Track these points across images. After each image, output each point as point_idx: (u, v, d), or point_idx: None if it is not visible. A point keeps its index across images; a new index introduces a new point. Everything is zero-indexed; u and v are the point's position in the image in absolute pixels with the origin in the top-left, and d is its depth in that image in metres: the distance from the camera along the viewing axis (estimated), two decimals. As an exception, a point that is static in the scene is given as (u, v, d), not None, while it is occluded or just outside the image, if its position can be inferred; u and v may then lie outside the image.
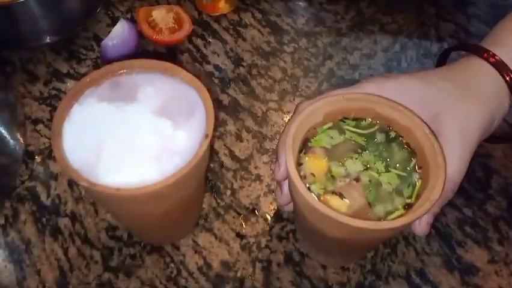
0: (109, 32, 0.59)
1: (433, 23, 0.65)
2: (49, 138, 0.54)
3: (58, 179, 0.51)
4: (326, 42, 0.63)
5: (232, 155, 0.53)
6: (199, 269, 0.46)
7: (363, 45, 0.63)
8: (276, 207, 0.50)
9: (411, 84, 0.41)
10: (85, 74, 0.49)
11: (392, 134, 0.40)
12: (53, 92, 0.58)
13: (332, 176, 0.38)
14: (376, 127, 0.41)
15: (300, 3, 0.67)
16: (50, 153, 0.53)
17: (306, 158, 0.39)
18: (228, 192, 0.51)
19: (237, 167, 0.52)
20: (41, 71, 0.60)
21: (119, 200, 0.36)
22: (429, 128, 0.38)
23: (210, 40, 0.63)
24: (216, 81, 0.59)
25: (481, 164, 0.53)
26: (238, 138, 0.54)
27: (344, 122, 0.41)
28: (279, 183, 0.44)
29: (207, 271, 0.46)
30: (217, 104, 0.57)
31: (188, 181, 0.38)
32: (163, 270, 0.46)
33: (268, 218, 0.49)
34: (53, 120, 0.37)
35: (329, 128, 0.41)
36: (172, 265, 0.46)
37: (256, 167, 0.52)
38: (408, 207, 0.37)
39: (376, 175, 0.38)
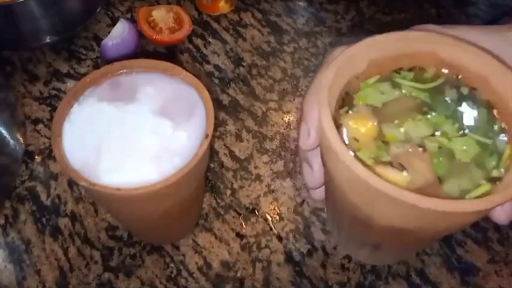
0: (109, 32, 0.59)
1: (433, 23, 0.65)
2: (49, 138, 0.54)
3: (58, 179, 0.51)
4: (326, 42, 0.63)
5: (232, 155, 0.53)
6: (199, 269, 0.46)
7: (363, 45, 0.63)
8: (276, 207, 0.50)
9: (479, 34, 0.33)
10: (85, 74, 0.49)
11: (465, 87, 0.31)
12: (53, 92, 0.58)
13: (385, 142, 0.29)
14: (442, 79, 0.31)
15: (300, 3, 0.67)
16: (50, 153, 0.53)
17: (348, 118, 0.30)
18: (228, 192, 0.51)
19: (237, 167, 0.52)
20: (41, 71, 0.60)
21: (119, 200, 0.36)
22: None
23: (210, 40, 0.63)
24: (216, 81, 0.59)
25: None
26: (238, 138, 0.54)
27: (398, 73, 0.32)
28: (305, 158, 0.35)
29: (207, 271, 0.46)
30: (217, 104, 0.57)
31: (188, 181, 0.38)
32: (163, 270, 0.46)
33: (268, 218, 0.49)
34: (53, 120, 0.37)
35: (378, 82, 0.31)
36: (172, 265, 0.46)
37: (256, 167, 0.52)
38: (494, 182, 0.28)
39: (446, 141, 0.29)
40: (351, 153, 0.27)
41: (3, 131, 0.52)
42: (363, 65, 0.31)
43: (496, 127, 0.30)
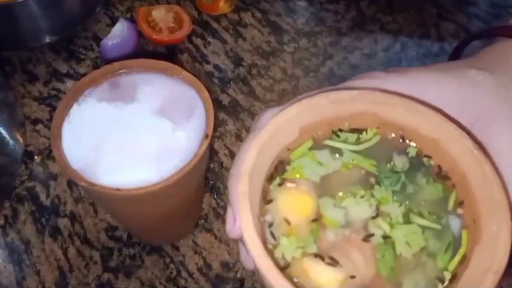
0: (109, 32, 0.59)
1: (434, 22, 0.65)
2: (49, 138, 0.54)
3: (58, 179, 0.51)
4: (326, 42, 0.63)
5: (232, 155, 0.53)
6: (199, 269, 0.46)
7: (363, 45, 0.63)
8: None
9: (430, 78, 0.28)
10: (84, 74, 0.49)
11: (412, 151, 0.26)
12: (53, 92, 0.58)
13: (320, 226, 0.24)
14: (378, 138, 0.27)
15: (300, 2, 0.67)
16: (49, 154, 0.53)
17: (280, 193, 0.25)
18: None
19: (237, 167, 0.52)
20: (41, 71, 0.59)
21: (118, 200, 0.36)
22: (473, 139, 0.24)
23: (210, 40, 0.63)
24: (216, 81, 0.59)
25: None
26: (238, 138, 0.54)
27: (338, 135, 0.27)
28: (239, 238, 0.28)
29: (207, 271, 0.46)
30: (217, 104, 0.57)
31: (188, 181, 0.38)
32: (163, 270, 0.46)
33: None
34: (53, 120, 0.37)
35: (312, 149, 0.26)
36: (171, 265, 0.46)
37: (256, 167, 0.52)
38: (452, 280, 0.23)
39: (389, 228, 0.24)
40: (272, 243, 0.23)
41: (2, 131, 0.51)
42: (294, 134, 0.26)
43: (450, 205, 0.24)
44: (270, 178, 0.25)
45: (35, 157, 0.53)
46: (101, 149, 0.36)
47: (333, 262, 0.23)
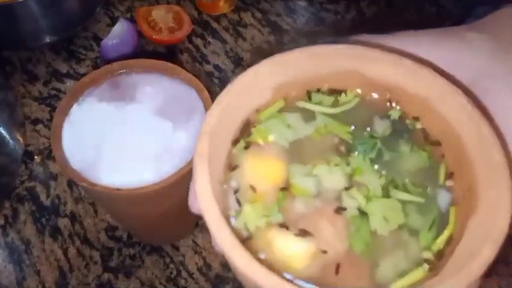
0: (109, 32, 0.59)
1: (434, 22, 0.65)
2: (49, 138, 0.54)
3: (58, 179, 0.51)
4: (326, 42, 0.63)
5: (232, 155, 0.53)
6: (199, 269, 0.46)
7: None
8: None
9: (425, 40, 0.26)
10: (84, 74, 0.49)
11: (395, 114, 0.23)
12: (53, 92, 0.58)
13: (288, 194, 0.21)
14: (357, 99, 0.24)
15: (300, 2, 0.67)
16: (49, 154, 0.53)
17: (246, 157, 0.22)
18: (228, 192, 0.51)
19: (237, 167, 0.52)
20: (41, 71, 0.59)
21: (119, 200, 0.36)
22: (469, 95, 0.22)
23: (210, 40, 0.63)
24: (216, 81, 0.59)
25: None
26: (238, 138, 0.54)
27: (310, 97, 0.24)
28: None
29: (207, 271, 0.46)
30: (217, 104, 0.57)
31: (188, 181, 0.38)
32: (163, 270, 0.46)
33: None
34: (53, 120, 0.37)
35: (282, 110, 0.23)
36: (171, 265, 0.46)
37: (256, 167, 0.52)
38: (436, 258, 0.20)
39: (364, 201, 0.21)
40: (234, 214, 0.20)
41: (2, 131, 0.51)
42: (267, 94, 0.23)
43: (440, 176, 0.21)
44: (236, 141, 0.22)
45: (35, 157, 0.53)
46: (101, 148, 0.36)
47: (302, 234, 0.20)
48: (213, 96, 0.58)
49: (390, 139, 0.23)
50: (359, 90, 0.23)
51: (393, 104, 0.23)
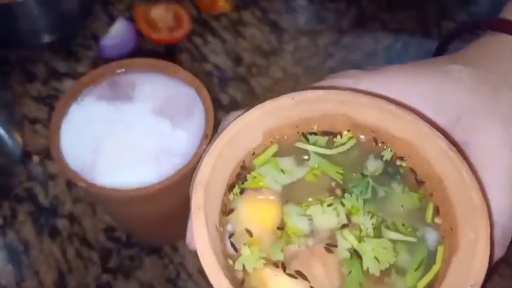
0: (108, 31, 0.59)
1: (435, 21, 0.65)
2: (47, 138, 0.53)
3: (56, 179, 0.51)
4: (326, 41, 0.62)
5: (232, 155, 0.53)
6: (199, 270, 0.46)
7: (364, 44, 0.62)
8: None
9: (408, 76, 0.26)
10: (83, 73, 0.48)
11: (388, 155, 0.24)
12: (51, 92, 0.58)
13: (285, 234, 0.22)
14: (353, 142, 0.25)
15: (301, 1, 0.67)
16: (48, 154, 0.53)
17: (241, 202, 0.23)
18: (228, 192, 0.50)
19: (237, 167, 0.52)
20: (39, 71, 0.59)
21: (117, 200, 0.36)
22: (449, 139, 0.23)
23: (210, 39, 0.62)
24: (216, 80, 0.59)
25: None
26: (238, 138, 0.54)
27: (307, 139, 0.25)
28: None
29: (207, 272, 0.46)
30: (217, 104, 0.56)
31: (188, 182, 0.37)
32: (162, 271, 0.46)
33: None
34: (51, 120, 0.37)
35: (277, 155, 0.24)
36: (171, 266, 0.46)
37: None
38: None
39: (356, 242, 0.22)
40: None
41: (0, 131, 0.51)
42: (258, 138, 0.24)
43: (428, 216, 0.22)
44: (232, 187, 0.23)
45: (34, 157, 0.53)
46: (100, 149, 0.36)
47: (295, 274, 0.21)
48: (213, 95, 0.57)
49: (382, 179, 0.23)
50: (349, 132, 0.24)
51: (380, 144, 0.24)
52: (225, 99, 0.57)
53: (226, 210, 0.23)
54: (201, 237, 0.20)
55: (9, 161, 0.51)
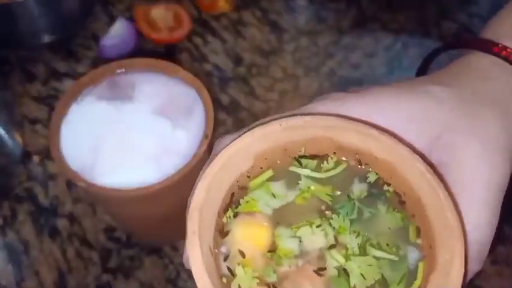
0: (108, 31, 0.59)
1: (435, 21, 0.65)
2: (47, 138, 0.53)
3: (56, 179, 0.51)
4: (326, 41, 0.62)
5: (232, 155, 0.53)
6: (199, 270, 0.46)
7: (364, 44, 0.62)
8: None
9: (390, 98, 0.27)
10: (83, 74, 0.48)
11: (372, 178, 0.26)
12: (51, 92, 0.58)
13: (276, 256, 0.24)
14: (343, 166, 0.26)
15: (301, 1, 0.67)
16: (48, 154, 0.53)
17: (235, 224, 0.24)
18: (228, 192, 0.50)
19: (237, 167, 0.52)
20: (39, 71, 0.59)
21: (117, 200, 0.36)
22: (427, 162, 0.24)
23: (210, 39, 0.62)
24: (216, 80, 0.59)
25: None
26: (238, 138, 0.54)
27: (300, 163, 0.26)
28: None
29: (207, 272, 0.46)
30: (217, 104, 0.56)
31: (188, 182, 0.37)
32: (162, 271, 0.46)
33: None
34: (51, 120, 0.37)
35: (271, 180, 0.26)
36: (171, 266, 0.46)
37: (256, 167, 0.52)
38: None
39: (343, 260, 0.23)
40: (225, 278, 0.23)
41: (0, 131, 0.51)
42: (249, 162, 0.25)
43: (411, 234, 0.24)
44: (226, 210, 0.25)
45: (34, 157, 0.53)
46: (100, 149, 0.36)
47: None
48: (213, 95, 0.57)
49: (367, 201, 0.25)
50: (334, 156, 0.26)
51: (364, 166, 0.26)
52: (225, 99, 0.57)
53: (222, 233, 0.24)
54: (195, 261, 0.22)
55: (9, 161, 0.51)
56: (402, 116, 0.26)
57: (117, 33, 0.58)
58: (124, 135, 0.37)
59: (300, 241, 0.24)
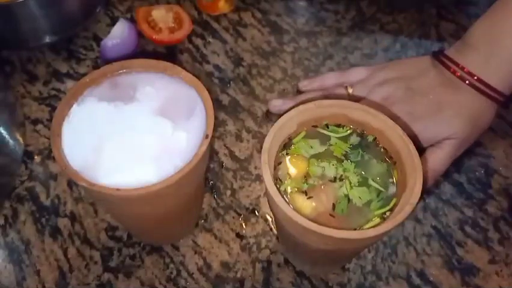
0: (109, 32, 0.59)
1: (434, 22, 0.65)
2: (49, 138, 0.54)
3: (57, 179, 0.51)
4: (326, 42, 0.63)
5: (232, 155, 0.53)
6: (199, 269, 0.46)
7: (363, 45, 0.63)
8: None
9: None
10: (84, 74, 0.49)
11: (370, 138, 0.40)
12: (53, 92, 0.58)
13: (307, 175, 0.39)
14: (349, 131, 0.41)
15: (301, 2, 0.67)
16: (49, 154, 0.53)
17: (286, 159, 0.40)
18: (228, 192, 0.51)
19: (237, 167, 0.52)
20: (41, 71, 0.59)
21: (118, 200, 0.36)
22: (404, 129, 0.39)
23: (210, 40, 0.63)
24: (216, 81, 0.59)
25: (481, 164, 0.52)
26: (238, 138, 0.54)
27: (328, 128, 0.41)
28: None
29: (207, 272, 0.46)
30: (217, 104, 0.57)
31: (188, 182, 0.38)
32: (163, 270, 0.46)
33: (269, 218, 0.49)
34: (53, 120, 0.37)
35: (308, 138, 0.40)
36: (171, 266, 0.46)
37: (256, 167, 0.52)
38: (383, 218, 0.37)
39: (349, 188, 0.38)
40: (278, 186, 0.37)
41: (2, 131, 0.51)
42: (294, 127, 0.40)
43: (392, 179, 0.39)
44: (281, 151, 0.40)
45: (35, 157, 0.53)
46: (101, 149, 0.36)
47: (309, 196, 0.38)
48: (213, 96, 0.58)
49: (367, 151, 0.40)
50: (348, 126, 0.42)
51: (365, 132, 0.41)
52: (225, 100, 0.57)
53: (278, 162, 0.39)
54: (267, 176, 0.36)
55: (10, 161, 0.52)
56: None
57: (118, 34, 0.59)
58: (125, 135, 0.37)
59: (323, 169, 0.39)
